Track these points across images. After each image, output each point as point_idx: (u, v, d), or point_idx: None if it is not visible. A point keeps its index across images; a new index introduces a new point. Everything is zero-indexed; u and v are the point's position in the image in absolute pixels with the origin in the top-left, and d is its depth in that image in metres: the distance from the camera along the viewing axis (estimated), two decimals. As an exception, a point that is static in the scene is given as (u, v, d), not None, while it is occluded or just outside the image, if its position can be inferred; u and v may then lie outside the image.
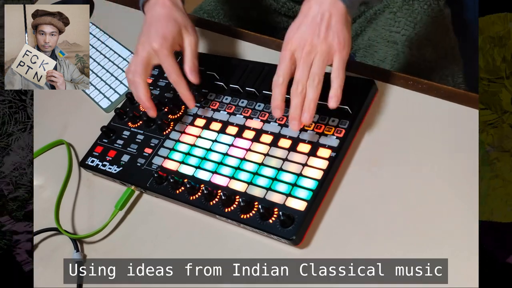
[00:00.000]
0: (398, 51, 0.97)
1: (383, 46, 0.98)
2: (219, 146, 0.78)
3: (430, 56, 0.96)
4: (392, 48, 0.97)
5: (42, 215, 0.85)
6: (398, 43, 0.97)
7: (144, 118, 0.85)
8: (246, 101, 0.81)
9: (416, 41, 0.97)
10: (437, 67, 0.97)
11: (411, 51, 0.97)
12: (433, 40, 0.97)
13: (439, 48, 0.97)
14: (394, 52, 0.97)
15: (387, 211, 0.68)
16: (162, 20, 0.80)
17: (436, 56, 0.97)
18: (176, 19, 0.81)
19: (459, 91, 0.75)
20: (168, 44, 0.78)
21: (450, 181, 0.67)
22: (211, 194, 0.73)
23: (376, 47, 0.99)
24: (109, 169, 0.84)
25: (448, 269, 0.61)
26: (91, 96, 0.99)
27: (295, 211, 0.68)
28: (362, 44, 1.02)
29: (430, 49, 0.96)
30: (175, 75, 0.78)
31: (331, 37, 0.69)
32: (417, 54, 0.96)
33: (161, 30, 0.79)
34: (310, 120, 0.69)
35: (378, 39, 0.99)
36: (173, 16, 0.81)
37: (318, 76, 0.68)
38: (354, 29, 1.02)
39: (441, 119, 0.73)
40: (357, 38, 1.03)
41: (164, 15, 0.81)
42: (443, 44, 0.97)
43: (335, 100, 0.68)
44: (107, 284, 0.71)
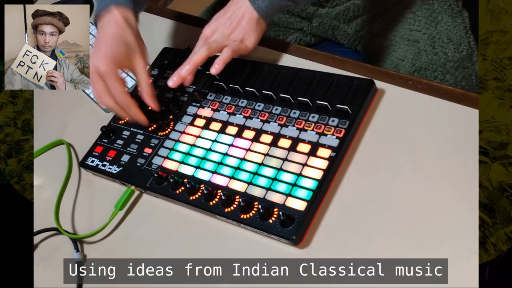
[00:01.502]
0: (419, 49, 0.96)
1: (402, 45, 0.98)
2: (219, 146, 0.78)
3: (453, 55, 0.96)
4: (413, 46, 0.97)
5: (42, 215, 0.85)
6: (419, 41, 0.97)
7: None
8: (246, 101, 0.81)
9: (438, 40, 0.96)
10: (460, 66, 0.97)
11: (434, 50, 0.96)
12: (455, 39, 0.96)
13: (462, 48, 0.97)
14: (416, 51, 0.97)
15: (387, 211, 0.68)
16: (111, 40, 0.80)
17: (459, 55, 0.97)
18: (126, 40, 0.81)
19: (459, 91, 0.75)
20: (115, 67, 0.79)
21: (450, 181, 0.67)
22: (211, 194, 0.73)
23: (395, 46, 0.99)
24: (109, 169, 0.84)
25: (448, 269, 0.61)
26: (91, 96, 0.99)
27: (295, 211, 0.68)
28: (380, 45, 1.02)
29: (452, 48, 0.96)
30: (122, 96, 0.80)
31: (236, 33, 0.81)
32: (440, 52, 0.96)
33: (109, 52, 0.79)
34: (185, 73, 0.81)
35: (397, 39, 0.99)
36: (123, 37, 0.81)
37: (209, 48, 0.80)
38: (371, 30, 1.01)
39: (441, 119, 0.73)
40: (373, 39, 1.03)
41: (114, 35, 0.80)
42: (464, 44, 0.97)
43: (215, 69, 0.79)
44: (107, 284, 0.71)
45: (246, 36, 0.82)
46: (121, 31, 0.81)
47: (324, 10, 0.99)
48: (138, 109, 0.82)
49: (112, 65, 0.79)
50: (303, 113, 0.76)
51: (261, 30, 0.83)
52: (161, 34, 1.04)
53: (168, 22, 1.06)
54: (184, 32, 1.03)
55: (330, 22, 1.01)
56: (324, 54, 0.87)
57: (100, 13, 0.82)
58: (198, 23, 1.03)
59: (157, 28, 1.06)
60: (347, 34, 1.02)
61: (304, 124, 0.75)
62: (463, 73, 0.97)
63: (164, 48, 0.97)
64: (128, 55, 0.80)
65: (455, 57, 0.96)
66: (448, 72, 0.96)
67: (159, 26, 1.06)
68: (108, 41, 0.80)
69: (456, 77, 0.97)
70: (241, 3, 0.82)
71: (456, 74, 0.97)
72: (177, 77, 0.81)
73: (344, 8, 0.98)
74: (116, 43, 0.80)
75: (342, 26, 1.01)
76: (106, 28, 0.81)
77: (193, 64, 0.81)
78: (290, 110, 0.77)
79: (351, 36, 1.03)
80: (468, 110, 0.72)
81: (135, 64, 0.81)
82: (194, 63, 0.81)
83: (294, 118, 0.76)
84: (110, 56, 0.79)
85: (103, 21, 0.82)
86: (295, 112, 0.77)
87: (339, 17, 1.00)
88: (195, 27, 1.02)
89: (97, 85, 0.80)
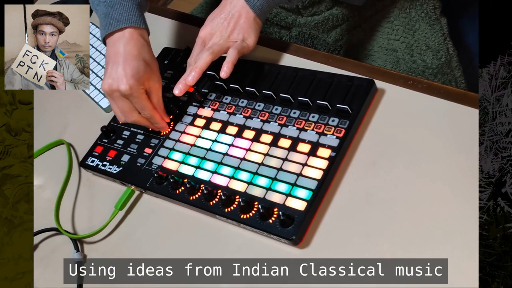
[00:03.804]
0: (398, 58, 0.97)
1: (381, 55, 0.98)
2: (219, 146, 0.78)
3: (432, 62, 0.97)
4: (392, 55, 0.97)
5: (42, 215, 0.85)
6: (397, 50, 0.97)
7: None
8: (246, 101, 0.81)
9: (416, 48, 0.97)
10: (439, 73, 0.97)
11: (412, 58, 0.97)
12: (433, 47, 0.97)
13: (440, 55, 0.97)
14: (394, 60, 0.97)
15: (387, 211, 0.68)
16: (131, 59, 0.78)
17: (438, 62, 0.97)
18: (145, 59, 0.79)
19: (459, 91, 0.75)
20: (138, 86, 0.77)
21: (450, 181, 0.67)
22: (211, 194, 0.73)
23: (374, 56, 0.99)
24: (109, 169, 0.84)
25: (448, 269, 0.61)
26: (91, 96, 0.99)
27: (295, 211, 0.68)
28: (359, 54, 1.02)
29: (431, 55, 0.96)
30: (149, 110, 0.80)
31: (236, 34, 0.81)
32: (419, 60, 0.97)
33: (131, 71, 0.77)
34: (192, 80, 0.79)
35: (375, 48, 0.99)
36: (143, 56, 0.79)
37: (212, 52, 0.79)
38: (350, 40, 1.01)
39: (441, 119, 0.73)
40: (353, 49, 1.03)
41: (133, 54, 0.79)
42: (443, 51, 0.97)
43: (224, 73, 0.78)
44: (107, 284, 0.71)
45: (246, 35, 0.81)
46: (140, 50, 0.79)
47: (303, 19, 0.98)
48: (162, 119, 0.82)
49: (136, 84, 0.77)
50: (303, 113, 0.76)
51: (259, 28, 0.83)
52: (161, 34, 1.04)
53: (168, 22, 1.06)
54: (184, 32, 1.03)
55: (310, 32, 1.01)
56: (324, 54, 0.87)
57: (113, 31, 0.80)
58: (198, 23, 1.03)
59: (157, 28, 1.06)
60: (326, 44, 1.02)
61: (304, 124, 0.75)
62: (442, 79, 0.98)
63: (164, 48, 0.97)
64: (147, 75, 0.79)
65: (433, 64, 0.97)
66: (427, 79, 0.96)
67: (159, 26, 1.06)
68: (128, 60, 0.78)
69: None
70: (235, 3, 0.81)
71: (435, 80, 0.97)
72: (183, 85, 0.80)
73: (322, 18, 0.97)
74: (137, 62, 0.78)
75: (321, 36, 1.01)
76: (124, 47, 0.79)
77: (199, 71, 0.79)
78: (290, 110, 0.77)
79: (330, 46, 1.02)
80: (468, 110, 0.72)
81: (151, 85, 0.80)
82: (200, 69, 0.79)
83: (294, 118, 0.76)
84: (132, 75, 0.77)
85: (114, 39, 0.80)
86: (295, 112, 0.77)
87: (318, 27, 0.99)
88: (195, 27, 1.02)
89: (120, 103, 0.79)
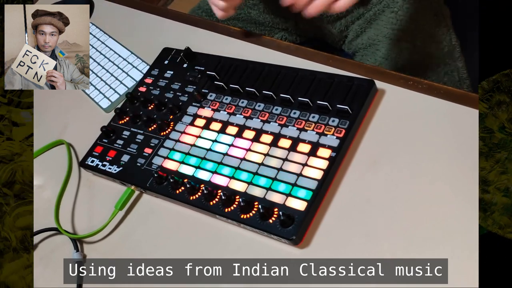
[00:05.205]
0: (401, 48, 0.97)
1: (385, 44, 0.98)
2: (219, 146, 0.78)
3: (435, 52, 0.97)
4: (396, 45, 0.97)
5: (42, 215, 0.85)
6: (401, 40, 0.97)
7: (144, 118, 0.85)
8: (246, 101, 0.81)
9: (420, 38, 0.97)
10: (441, 63, 0.98)
11: (415, 48, 0.97)
12: (437, 37, 0.97)
13: (443, 45, 0.97)
14: (398, 49, 0.97)
15: (387, 211, 0.68)
16: None
17: (441, 52, 0.97)
18: None
19: (459, 91, 0.75)
20: None
21: (450, 181, 0.67)
22: (211, 194, 0.73)
23: (378, 45, 0.99)
24: (109, 169, 0.84)
25: (448, 269, 0.61)
26: (91, 96, 0.99)
27: (295, 211, 0.68)
28: (362, 44, 1.02)
29: (434, 45, 0.97)
30: None
31: None
32: (422, 50, 0.97)
33: None
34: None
35: (379, 38, 0.99)
36: None
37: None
38: (354, 30, 1.02)
39: (441, 119, 0.73)
40: (356, 39, 1.03)
41: None
42: (446, 41, 0.98)
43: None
44: (107, 284, 0.71)
45: None
46: None
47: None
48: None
49: None
50: (303, 113, 0.76)
51: None
52: (161, 34, 1.04)
53: (168, 22, 1.06)
54: (184, 32, 1.03)
55: (315, 23, 1.01)
56: (324, 54, 0.87)
57: None
58: (198, 23, 1.03)
59: (157, 28, 1.06)
60: (331, 34, 1.03)
61: (304, 124, 0.75)
62: (445, 69, 0.98)
63: (164, 48, 0.97)
64: None
65: (436, 54, 0.97)
66: (430, 68, 0.97)
67: (159, 26, 1.06)
68: None
69: (439, 73, 0.98)
70: None
71: (438, 70, 0.98)
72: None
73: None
74: None
75: (326, 26, 1.02)
76: None
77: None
78: (290, 110, 0.77)
79: (335, 36, 1.03)
80: (468, 110, 0.72)
81: None
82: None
83: (294, 118, 0.76)
84: None
85: None
86: (295, 112, 0.77)
87: (323, 18, 1.00)
88: (195, 27, 1.02)
89: None
